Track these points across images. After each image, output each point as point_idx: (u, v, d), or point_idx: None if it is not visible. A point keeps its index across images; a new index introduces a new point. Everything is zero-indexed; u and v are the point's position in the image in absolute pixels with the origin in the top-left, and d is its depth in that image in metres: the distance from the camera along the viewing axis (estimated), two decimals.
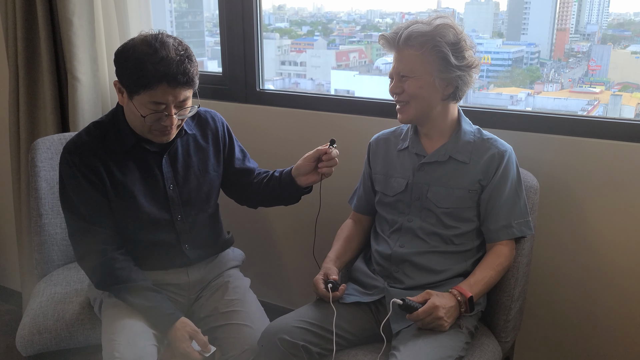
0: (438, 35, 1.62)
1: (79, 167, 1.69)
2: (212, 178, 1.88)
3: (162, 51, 1.57)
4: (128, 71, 1.60)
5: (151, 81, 1.57)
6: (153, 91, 1.58)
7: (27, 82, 2.39)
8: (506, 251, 1.71)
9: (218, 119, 1.92)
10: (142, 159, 1.76)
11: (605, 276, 1.96)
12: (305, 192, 1.88)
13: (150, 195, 1.77)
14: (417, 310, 1.58)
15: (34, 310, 1.90)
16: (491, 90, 2.74)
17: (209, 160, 1.87)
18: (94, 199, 1.71)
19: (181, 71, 1.58)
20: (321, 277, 1.77)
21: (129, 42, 1.63)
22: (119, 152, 1.73)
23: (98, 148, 1.71)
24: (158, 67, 1.56)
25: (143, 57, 1.57)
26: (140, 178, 1.76)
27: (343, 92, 2.95)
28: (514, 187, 1.71)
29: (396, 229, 1.78)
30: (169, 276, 1.85)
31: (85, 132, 1.74)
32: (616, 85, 2.49)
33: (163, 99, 1.60)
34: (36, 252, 2.09)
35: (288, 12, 3.18)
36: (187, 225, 1.83)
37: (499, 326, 1.77)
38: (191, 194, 1.83)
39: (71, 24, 2.21)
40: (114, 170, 1.72)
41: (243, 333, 1.74)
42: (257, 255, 2.25)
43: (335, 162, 1.78)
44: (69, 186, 1.71)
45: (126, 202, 1.74)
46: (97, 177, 1.70)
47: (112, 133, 1.74)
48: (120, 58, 1.62)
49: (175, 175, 1.80)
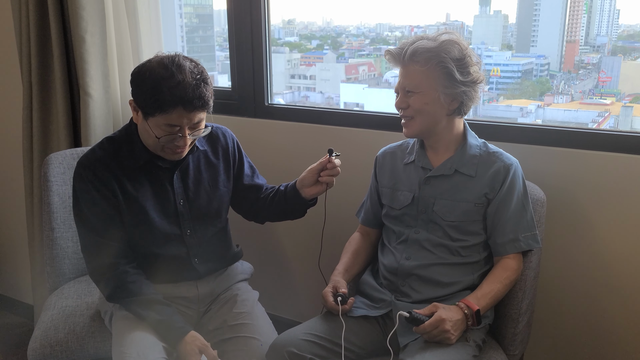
0: (443, 51, 1.63)
1: (92, 182, 1.70)
2: (222, 194, 1.89)
3: (178, 75, 1.58)
4: (144, 93, 1.61)
5: (167, 105, 1.58)
6: (168, 115, 1.60)
7: (40, 98, 2.42)
8: (513, 264, 1.70)
9: (229, 135, 1.94)
10: (154, 175, 1.78)
11: (614, 290, 1.95)
12: (310, 205, 1.89)
13: (162, 210, 1.79)
14: (424, 322, 1.58)
15: (45, 323, 1.92)
16: (501, 103, 2.74)
17: (220, 176, 1.89)
18: (107, 213, 1.73)
19: (197, 95, 1.59)
20: (330, 289, 1.77)
21: (145, 63, 1.64)
22: (132, 168, 1.74)
23: (111, 163, 1.73)
24: (174, 91, 1.57)
25: (159, 80, 1.58)
26: (152, 193, 1.77)
27: (352, 105, 2.96)
28: (520, 201, 1.71)
29: (403, 240, 1.78)
30: (178, 289, 1.86)
31: (99, 147, 1.76)
32: (627, 97, 2.48)
33: (178, 121, 1.62)
34: (48, 266, 2.11)
35: (298, 26, 3.21)
36: (197, 239, 1.85)
37: (507, 339, 1.76)
38: (201, 209, 1.84)
39: (84, 41, 2.24)
40: (127, 185, 1.74)
41: (251, 346, 1.74)
42: (265, 268, 2.26)
43: (337, 172, 1.78)
44: (82, 200, 1.72)
45: (138, 217, 1.76)
46: (110, 192, 1.72)
47: (125, 149, 1.75)
48: (136, 79, 1.64)
49: (186, 191, 1.82)
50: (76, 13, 2.21)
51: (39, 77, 2.40)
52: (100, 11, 2.27)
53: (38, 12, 2.32)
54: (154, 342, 1.68)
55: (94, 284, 2.09)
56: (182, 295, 1.86)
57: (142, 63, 1.66)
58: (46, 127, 2.48)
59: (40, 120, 2.45)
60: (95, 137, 2.33)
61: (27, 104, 2.46)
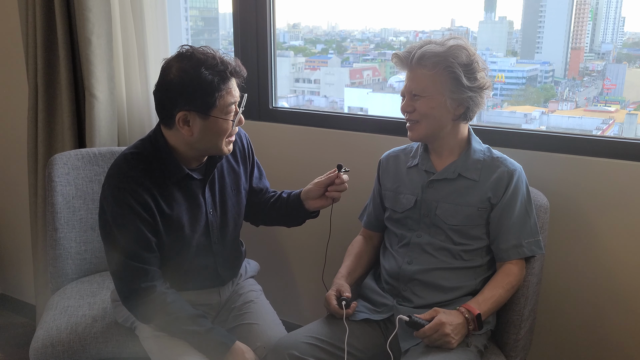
0: (451, 56, 1.64)
1: (129, 204, 1.59)
2: (243, 196, 1.87)
3: (209, 56, 1.56)
4: (193, 88, 1.54)
5: (225, 80, 1.56)
6: (229, 89, 1.58)
7: (45, 99, 2.43)
8: (516, 270, 1.70)
9: (243, 135, 1.90)
10: (188, 188, 1.71)
11: (617, 296, 1.94)
12: (311, 217, 1.89)
13: (195, 223, 1.74)
14: (424, 327, 1.58)
15: (47, 323, 1.92)
16: (505, 109, 2.74)
17: (240, 179, 1.86)
18: (144, 237, 1.63)
19: (237, 64, 1.60)
20: (334, 293, 1.77)
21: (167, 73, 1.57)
22: (166, 185, 1.66)
23: (146, 182, 1.62)
24: (221, 67, 1.55)
25: (200, 67, 1.54)
26: (186, 208, 1.71)
27: (356, 109, 2.96)
28: (524, 206, 1.71)
29: (405, 243, 1.78)
30: (202, 297, 1.85)
31: (128, 166, 1.64)
32: (632, 104, 2.48)
33: (236, 95, 1.61)
34: (51, 266, 2.11)
35: (303, 30, 3.22)
36: (222, 246, 1.83)
37: (509, 345, 1.75)
38: (227, 215, 1.81)
39: (90, 43, 2.25)
40: (163, 204, 1.65)
41: (254, 331, 1.76)
42: (268, 271, 2.26)
43: (344, 188, 1.78)
44: (116, 224, 1.62)
45: (174, 234, 1.70)
46: (148, 214, 1.63)
47: (155, 165, 1.65)
48: (175, 87, 1.55)
49: (214, 200, 1.78)
50: (82, 15, 2.22)
51: (44, 78, 2.41)
52: (106, 13, 2.28)
53: (44, 14, 2.33)
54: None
55: (96, 284, 2.11)
56: (205, 303, 1.85)
57: (163, 76, 1.58)
58: (51, 128, 2.48)
59: (45, 121, 2.46)
60: (100, 139, 2.34)
61: (33, 105, 2.47)
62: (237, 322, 1.83)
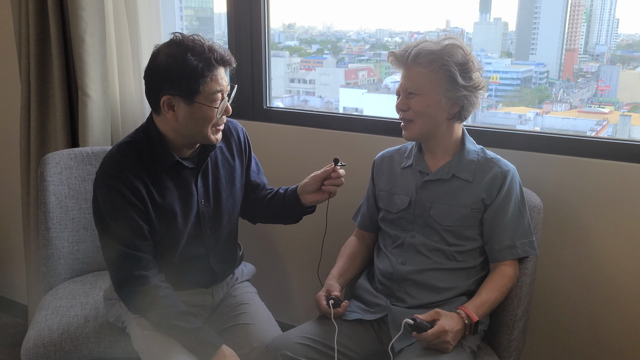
0: (447, 54, 1.64)
1: (120, 191, 1.62)
2: (238, 190, 1.87)
3: (197, 43, 1.57)
4: (178, 73, 1.56)
5: (210, 67, 1.57)
6: (214, 77, 1.58)
7: (38, 97, 2.42)
8: (510, 272, 1.70)
9: (239, 128, 1.91)
10: (180, 177, 1.72)
11: (610, 297, 1.95)
12: (308, 212, 1.88)
13: (186, 212, 1.74)
14: (427, 331, 1.56)
15: (39, 323, 1.91)
16: (500, 110, 2.74)
17: (235, 172, 1.86)
18: (137, 224, 1.65)
19: (225, 51, 1.61)
20: (323, 293, 1.77)
21: (156, 58, 1.60)
22: (158, 172, 1.68)
23: (138, 170, 1.65)
24: (208, 54, 1.56)
25: (187, 53, 1.55)
26: (177, 196, 1.72)
27: (351, 109, 2.96)
28: (517, 207, 1.71)
29: (398, 244, 1.78)
30: (195, 298, 1.84)
31: (121, 154, 1.67)
32: (625, 106, 2.48)
33: (222, 83, 1.61)
34: (43, 266, 2.10)
35: (298, 30, 3.21)
36: (215, 238, 1.83)
37: (502, 345, 1.75)
38: (220, 207, 1.82)
39: (83, 42, 2.24)
40: (154, 192, 1.67)
41: (249, 332, 1.76)
42: (261, 271, 2.26)
43: (341, 182, 1.78)
44: (107, 211, 1.64)
45: (166, 223, 1.71)
46: (139, 201, 1.64)
47: (147, 153, 1.67)
48: (162, 70, 1.58)
49: (206, 190, 1.78)
50: (76, 13, 2.21)
51: (37, 76, 2.40)
52: (100, 12, 2.27)
53: (38, 12, 2.32)
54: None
55: (88, 284, 2.10)
56: (198, 304, 1.85)
57: (152, 60, 1.61)
58: (44, 127, 2.47)
59: (38, 120, 2.45)
60: (93, 138, 2.33)
61: (25, 104, 2.46)
62: (232, 323, 1.82)
